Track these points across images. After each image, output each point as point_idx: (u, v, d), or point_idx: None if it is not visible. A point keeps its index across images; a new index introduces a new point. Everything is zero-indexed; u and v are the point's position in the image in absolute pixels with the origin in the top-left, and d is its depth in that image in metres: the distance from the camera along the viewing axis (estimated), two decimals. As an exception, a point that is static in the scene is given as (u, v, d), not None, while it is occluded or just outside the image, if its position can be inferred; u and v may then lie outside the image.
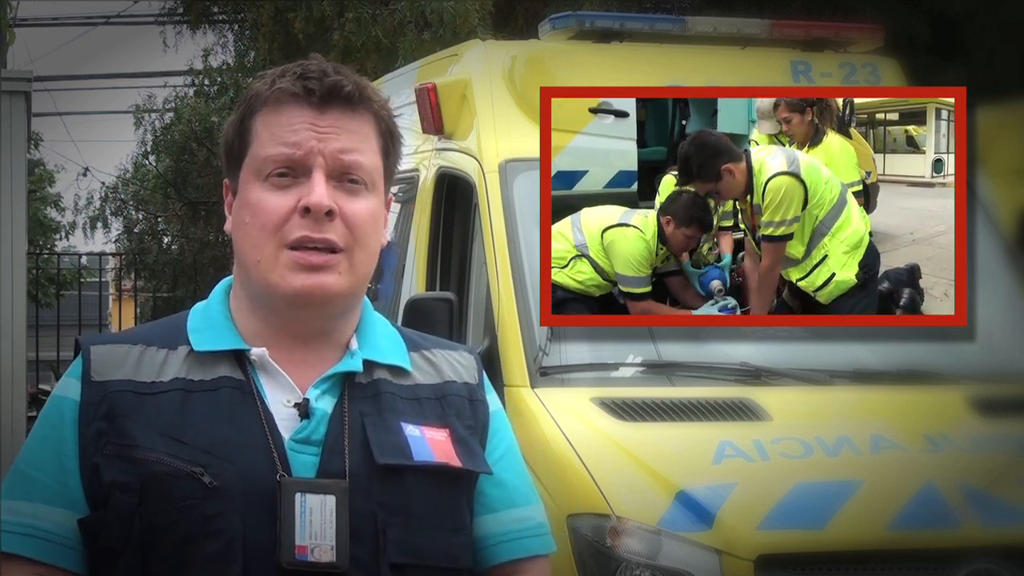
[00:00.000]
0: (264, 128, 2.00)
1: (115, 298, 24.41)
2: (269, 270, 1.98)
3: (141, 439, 1.95)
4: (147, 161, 23.07)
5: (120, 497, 1.94)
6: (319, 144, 1.97)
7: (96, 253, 23.78)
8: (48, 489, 1.97)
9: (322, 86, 1.99)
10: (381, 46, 10.68)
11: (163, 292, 22.05)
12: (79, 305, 17.86)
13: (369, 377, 2.05)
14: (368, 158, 2.01)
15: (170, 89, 21.33)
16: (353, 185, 1.99)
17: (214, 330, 2.05)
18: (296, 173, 1.98)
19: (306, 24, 11.25)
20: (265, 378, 2.01)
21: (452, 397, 2.10)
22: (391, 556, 1.96)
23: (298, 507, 1.92)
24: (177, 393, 1.98)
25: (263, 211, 1.98)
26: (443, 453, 2.03)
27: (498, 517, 2.10)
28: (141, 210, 23.94)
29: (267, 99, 2.01)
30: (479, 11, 10.38)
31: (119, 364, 2.01)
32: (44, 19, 19.97)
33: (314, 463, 1.96)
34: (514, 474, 2.14)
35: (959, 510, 4.20)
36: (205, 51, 18.46)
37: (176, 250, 21.44)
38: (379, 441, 1.99)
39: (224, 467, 1.93)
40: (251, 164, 2.01)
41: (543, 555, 2.14)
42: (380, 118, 2.05)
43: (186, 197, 19.46)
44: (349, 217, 1.98)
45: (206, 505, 1.91)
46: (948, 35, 9.39)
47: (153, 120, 22.73)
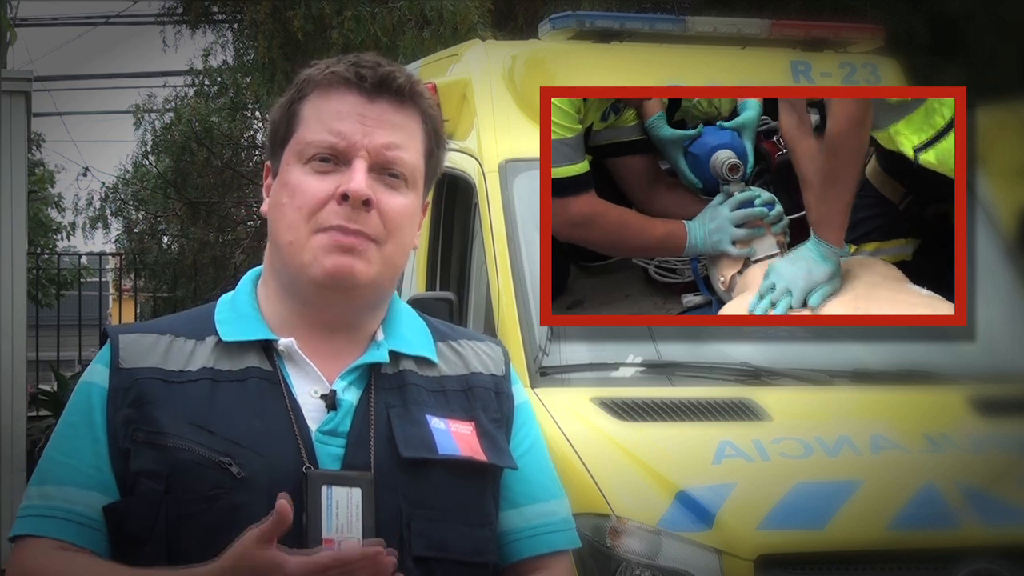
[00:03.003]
0: (312, 112, 2.01)
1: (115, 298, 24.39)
2: (301, 251, 1.98)
3: (169, 427, 1.95)
4: (147, 161, 23.04)
5: (147, 484, 1.94)
6: (363, 138, 1.98)
7: (96, 253, 23.77)
8: (81, 473, 1.97)
9: (375, 75, 2.00)
10: (380, 44, 10.68)
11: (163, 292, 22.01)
12: (79, 305, 17.83)
13: (395, 368, 2.05)
14: (411, 155, 2.02)
15: (170, 89, 21.34)
16: (393, 179, 2.00)
17: (242, 320, 2.05)
18: (338, 161, 1.98)
19: (305, 22, 11.25)
20: (292, 368, 2.01)
21: (478, 389, 2.10)
22: (416, 550, 1.96)
23: (324, 500, 1.92)
24: (205, 383, 1.99)
25: (302, 193, 1.99)
26: (468, 447, 2.03)
27: (522, 512, 2.09)
28: (141, 210, 23.91)
29: (319, 83, 2.02)
30: (478, 9, 10.40)
31: (147, 352, 2.02)
32: (44, 19, 20.00)
33: (340, 455, 1.97)
34: (539, 468, 2.13)
35: (959, 510, 4.20)
36: (205, 51, 18.45)
37: (176, 250, 21.41)
38: (404, 434, 1.99)
39: (252, 458, 1.93)
40: (295, 147, 2.02)
41: (567, 550, 2.13)
42: (428, 117, 2.05)
43: (186, 197, 19.42)
44: (385, 210, 1.98)
45: (233, 495, 1.92)
46: (948, 35, 9.39)
47: (153, 120, 22.71)
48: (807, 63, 5.69)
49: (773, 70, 5.62)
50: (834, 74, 5.69)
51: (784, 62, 5.69)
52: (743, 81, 5.32)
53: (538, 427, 2.17)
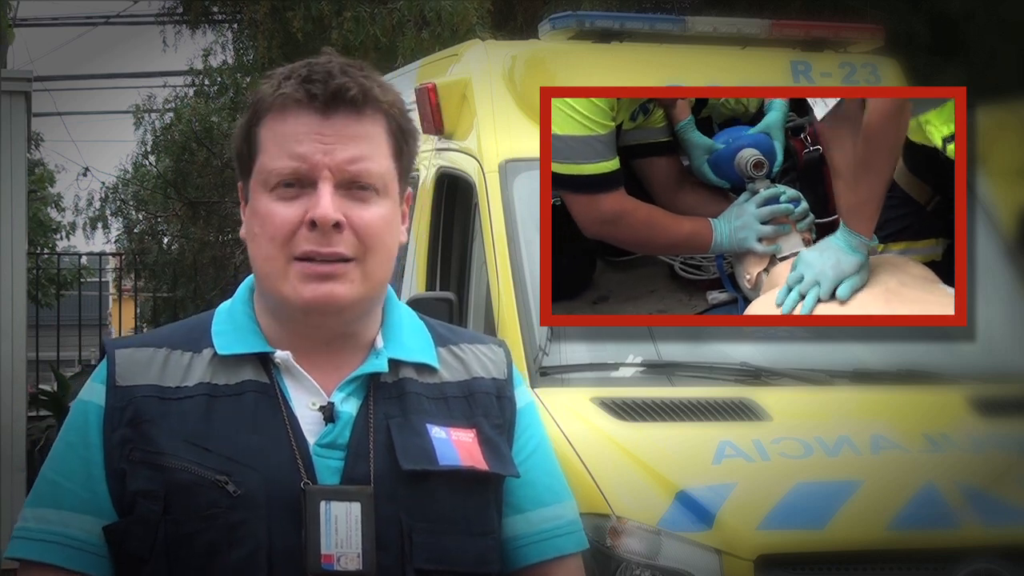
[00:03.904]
0: (270, 137, 1.97)
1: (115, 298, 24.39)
2: (281, 281, 1.96)
3: (165, 446, 1.94)
4: (147, 161, 23.06)
5: (145, 504, 1.93)
6: (325, 157, 1.94)
7: (96, 253, 23.78)
8: (76, 496, 1.97)
9: (326, 90, 1.94)
10: (380, 45, 10.70)
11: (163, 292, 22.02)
12: (79, 305, 17.83)
13: (395, 376, 2.02)
14: (378, 163, 1.97)
15: (170, 89, 21.34)
16: (362, 192, 1.96)
17: (238, 332, 2.03)
18: (303, 184, 1.95)
19: (304, 23, 11.26)
20: (290, 381, 1.99)
21: (480, 395, 2.07)
22: (417, 562, 1.94)
23: (323, 515, 1.90)
24: (202, 399, 1.97)
25: (271, 223, 1.96)
26: (469, 456, 2.00)
27: (528, 517, 2.07)
28: (141, 210, 23.92)
29: (271, 105, 1.97)
30: (477, 9, 10.40)
31: (144, 368, 2.00)
32: (44, 19, 19.98)
33: (339, 468, 1.95)
34: (543, 472, 2.11)
35: (959, 510, 4.19)
36: (205, 51, 18.45)
37: (176, 250, 21.42)
38: (404, 445, 1.97)
39: (249, 475, 1.92)
40: (259, 175, 1.98)
41: (575, 553, 2.12)
42: (390, 117, 2.00)
43: (186, 197, 19.43)
44: (359, 226, 1.95)
45: (230, 514, 1.90)
46: (948, 35, 9.39)
47: (153, 120, 22.72)
48: (807, 63, 5.69)
49: (773, 70, 5.62)
50: (834, 74, 5.68)
51: (784, 62, 5.69)
52: (743, 81, 5.32)
53: (543, 429, 2.14)
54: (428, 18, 10.59)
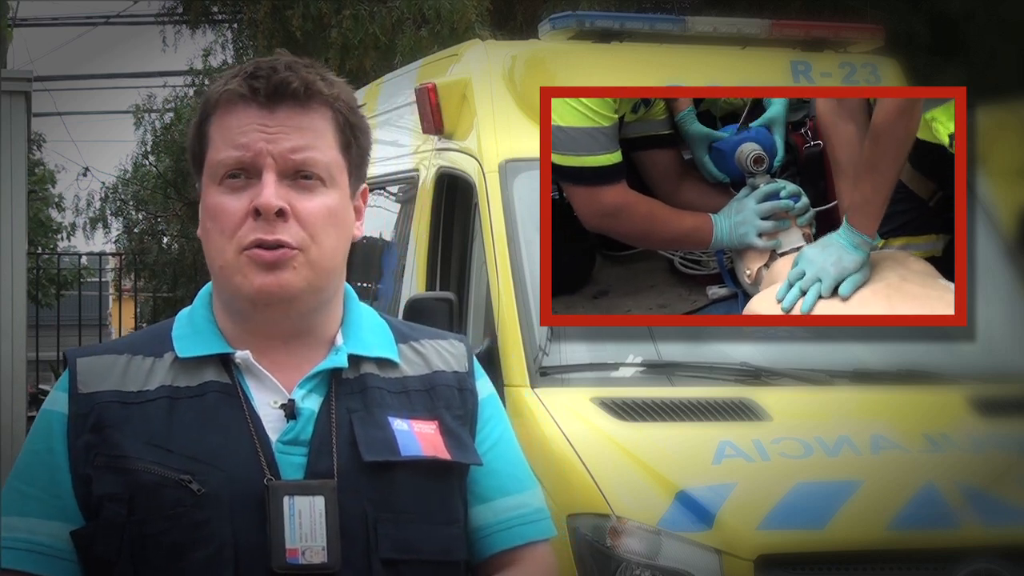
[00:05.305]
0: (217, 132, 2.00)
1: (115, 298, 24.43)
2: (233, 273, 1.98)
3: (129, 449, 1.95)
4: (147, 161, 23.08)
5: (111, 508, 1.95)
6: (268, 145, 1.96)
7: (96, 253, 23.80)
8: (42, 503, 1.99)
9: (268, 85, 1.97)
10: (379, 43, 10.70)
11: (163, 292, 22.05)
12: (79, 305, 17.87)
13: (356, 372, 2.04)
14: (323, 153, 1.99)
15: (170, 89, 21.36)
16: (307, 182, 1.98)
17: (198, 335, 2.05)
18: (248, 175, 1.97)
19: (304, 22, 11.27)
20: (251, 380, 2.01)
21: (441, 387, 2.09)
22: (383, 553, 1.96)
23: (287, 510, 1.92)
24: (164, 401, 1.99)
25: (220, 215, 1.98)
26: (431, 446, 2.02)
27: (492, 506, 2.09)
28: (141, 210, 23.95)
29: (217, 102, 2.01)
30: (476, 8, 10.40)
31: (105, 375, 2.02)
32: (44, 19, 20.02)
33: (302, 464, 1.97)
34: (507, 461, 2.13)
35: (959, 510, 4.19)
36: (205, 51, 18.47)
37: (176, 250, 21.44)
38: (366, 438, 1.99)
39: (212, 473, 1.93)
40: (208, 169, 2.01)
41: (542, 540, 2.13)
42: (336, 111, 2.02)
43: (186, 197, 19.45)
44: (303, 215, 1.97)
45: (195, 512, 1.92)
46: (948, 35, 9.39)
47: (153, 120, 22.75)
48: (807, 63, 5.69)
49: (773, 70, 5.62)
50: (834, 74, 5.68)
51: (784, 62, 5.69)
52: (743, 81, 5.31)
53: (506, 420, 2.17)
54: (427, 16, 10.60)
